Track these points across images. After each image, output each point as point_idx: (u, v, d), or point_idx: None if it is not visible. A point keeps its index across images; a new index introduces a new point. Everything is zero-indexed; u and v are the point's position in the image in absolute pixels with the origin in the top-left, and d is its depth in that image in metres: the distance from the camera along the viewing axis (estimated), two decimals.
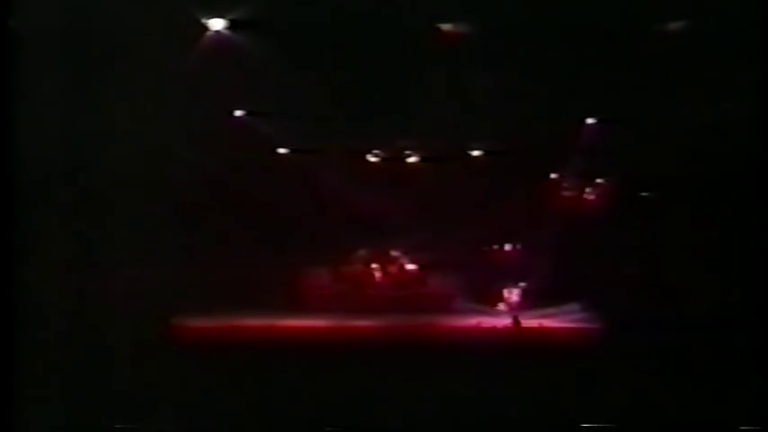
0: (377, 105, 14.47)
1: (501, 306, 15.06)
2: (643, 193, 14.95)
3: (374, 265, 15.43)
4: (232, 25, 14.43)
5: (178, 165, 14.38)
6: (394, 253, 15.49)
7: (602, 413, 13.61)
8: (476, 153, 15.17)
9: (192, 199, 14.51)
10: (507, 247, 15.25)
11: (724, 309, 13.99)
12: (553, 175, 15.19)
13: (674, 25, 14.41)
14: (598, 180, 15.12)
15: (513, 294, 15.13)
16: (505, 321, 14.96)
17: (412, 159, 15.29)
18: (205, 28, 14.43)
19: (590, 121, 14.84)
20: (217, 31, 14.46)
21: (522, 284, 15.12)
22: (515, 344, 14.64)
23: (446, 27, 14.48)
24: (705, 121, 14.37)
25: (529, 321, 14.92)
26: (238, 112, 14.88)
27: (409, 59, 14.37)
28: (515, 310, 15.03)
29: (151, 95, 14.15)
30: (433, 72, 14.50)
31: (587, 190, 15.14)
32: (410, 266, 15.48)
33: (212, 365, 13.86)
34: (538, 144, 14.54)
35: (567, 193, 15.14)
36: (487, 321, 14.91)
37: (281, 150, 15.10)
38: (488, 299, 15.08)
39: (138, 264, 14.18)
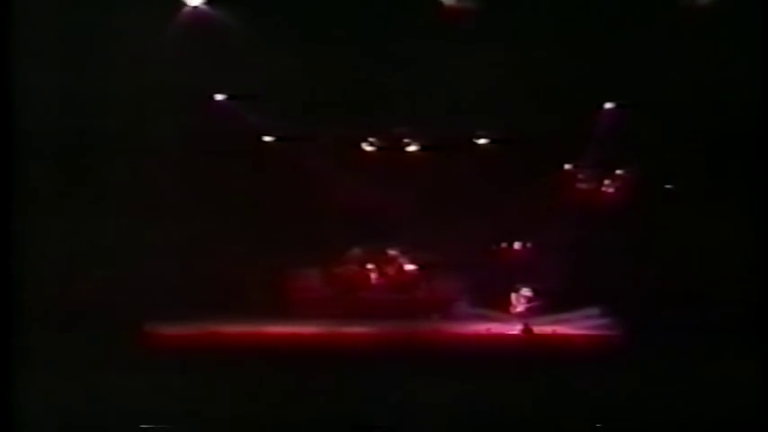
0: (372, 88, 14.14)
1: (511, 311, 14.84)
2: (668, 186, 14.53)
3: (369, 266, 15.13)
4: (211, 0, 14.16)
5: (150, 152, 14.13)
6: (391, 252, 15.17)
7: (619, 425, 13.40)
8: (482, 141, 14.81)
9: (165, 192, 14.18)
10: (517, 245, 14.97)
11: (757, 312, 13.69)
12: (568, 166, 14.86)
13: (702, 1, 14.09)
14: (618, 171, 14.77)
15: (523, 298, 14.77)
16: (516, 328, 14.65)
17: (411, 148, 14.96)
18: (182, 3, 14.12)
19: (609, 105, 14.44)
20: (194, 7, 14.14)
21: (533, 287, 14.80)
22: (526, 353, 14.23)
23: (449, 1, 14.18)
24: (736, 106, 13.93)
25: (542, 328, 14.57)
26: (219, 97, 14.52)
27: (409, 36, 14.06)
28: (526, 315, 14.67)
29: (119, 83, 13.97)
30: (434, 51, 14.13)
31: (606, 182, 14.80)
32: (409, 267, 15.16)
33: (188, 378, 13.57)
34: (551, 131, 14.20)
35: (583, 186, 14.83)
36: (497, 328, 14.61)
37: (266, 138, 14.78)
38: (497, 303, 14.77)
39: (103, 266, 13.94)
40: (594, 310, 14.21)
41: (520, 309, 14.70)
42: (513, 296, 14.74)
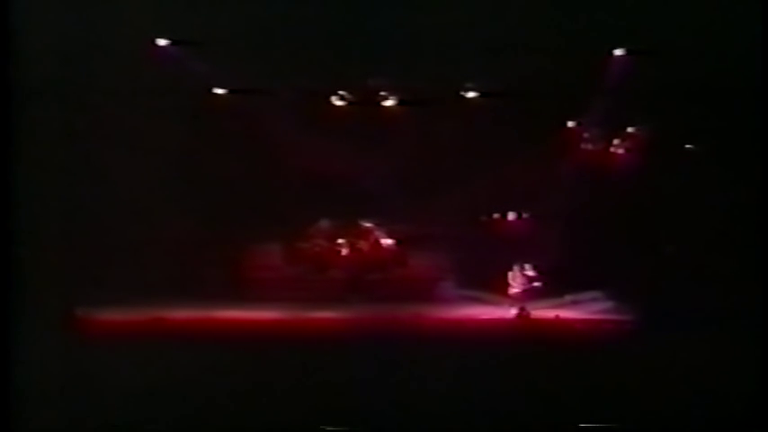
0: (343, 31, 13.67)
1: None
2: (688, 146, 13.86)
3: (340, 241, 14.54)
4: None
5: (79, 111, 13.60)
6: (365, 224, 14.57)
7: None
8: (471, 95, 14.14)
9: (99, 157, 13.63)
10: (511, 216, 14.33)
11: None
12: (571, 124, 14.19)
13: None
14: (629, 129, 14.12)
15: (521, 278, 14.17)
16: (510, 312, 14.14)
17: (389, 103, 14.30)
18: None
19: (619, 52, 13.79)
20: None
21: (531, 265, 14.19)
22: (523, 340, 13.80)
23: None
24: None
25: (542, 312, 14.03)
26: (162, 41, 13.82)
27: None
28: (523, 297, 14.08)
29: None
30: None
31: (615, 142, 14.18)
32: (386, 241, 14.57)
33: (128, 370, 13.21)
34: (551, 83, 13.72)
35: (588, 147, 14.21)
36: (488, 312, 14.08)
37: (219, 91, 14.10)
38: (488, 283, 14.18)
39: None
40: (602, 293, 13.76)
41: (516, 290, 14.18)
42: (510, 275, 14.23)
